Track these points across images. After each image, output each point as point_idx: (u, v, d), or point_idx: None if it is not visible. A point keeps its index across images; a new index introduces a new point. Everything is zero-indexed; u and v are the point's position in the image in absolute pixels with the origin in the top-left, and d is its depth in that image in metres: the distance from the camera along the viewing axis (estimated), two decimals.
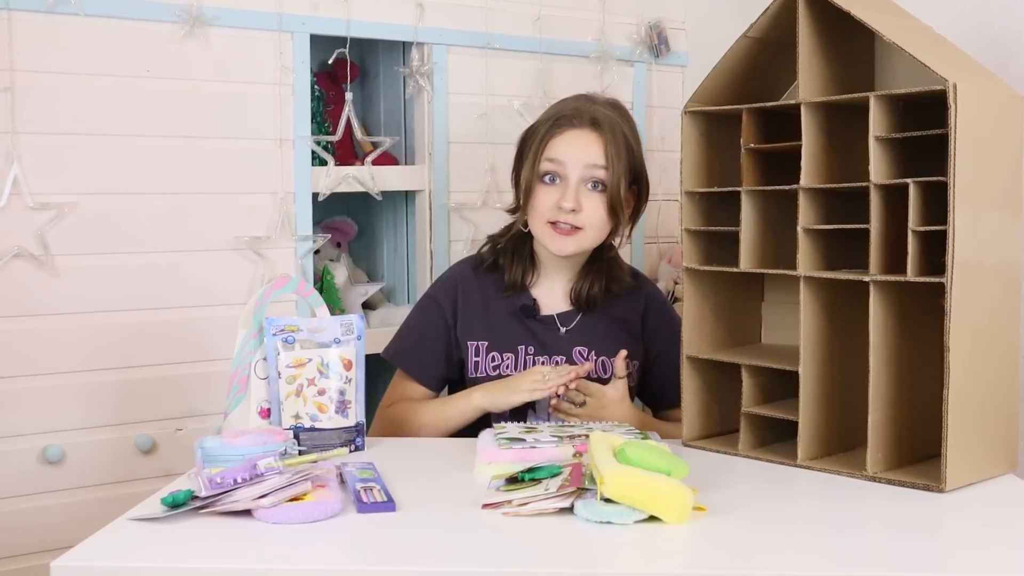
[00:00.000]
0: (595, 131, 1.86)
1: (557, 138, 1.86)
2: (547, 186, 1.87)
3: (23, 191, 1.83)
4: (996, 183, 1.51)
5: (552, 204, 1.85)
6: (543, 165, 1.87)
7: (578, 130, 1.87)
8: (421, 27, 2.24)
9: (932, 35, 1.64)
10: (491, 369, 1.91)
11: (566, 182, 1.85)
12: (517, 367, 1.90)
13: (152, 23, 1.94)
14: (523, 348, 1.91)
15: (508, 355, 1.91)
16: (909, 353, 1.55)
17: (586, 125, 1.86)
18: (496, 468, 1.53)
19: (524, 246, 1.95)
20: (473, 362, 1.91)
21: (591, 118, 1.87)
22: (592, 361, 1.89)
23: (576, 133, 1.86)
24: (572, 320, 1.94)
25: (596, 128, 1.86)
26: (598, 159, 1.85)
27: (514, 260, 1.94)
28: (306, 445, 1.64)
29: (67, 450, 1.89)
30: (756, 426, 1.67)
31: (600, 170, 1.86)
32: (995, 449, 1.54)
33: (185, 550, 1.27)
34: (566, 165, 1.85)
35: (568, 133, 1.87)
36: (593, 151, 1.85)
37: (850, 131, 1.59)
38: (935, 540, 1.35)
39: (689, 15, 2.61)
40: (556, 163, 1.86)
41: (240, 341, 1.69)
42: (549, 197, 1.86)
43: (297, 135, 2.10)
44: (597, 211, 1.86)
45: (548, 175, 1.87)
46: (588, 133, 1.86)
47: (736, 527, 1.34)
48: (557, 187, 1.86)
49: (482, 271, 1.97)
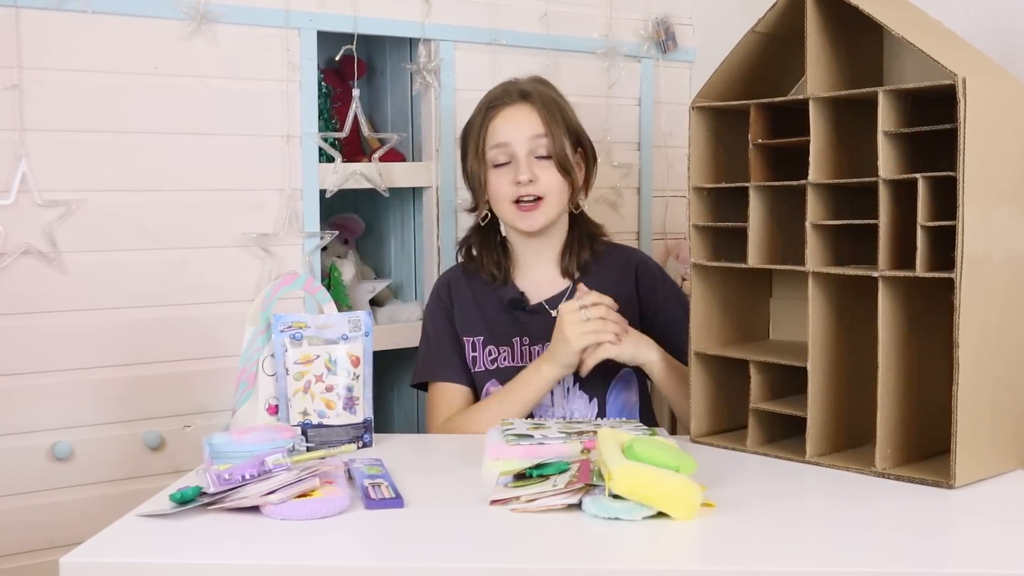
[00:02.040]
0: (527, 103, 1.93)
1: (494, 121, 1.92)
2: (498, 169, 1.92)
3: (31, 188, 1.83)
4: (1005, 178, 1.50)
5: (508, 184, 1.90)
6: (489, 153, 1.92)
7: (510, 107, 1.93)
8: (428, 23, 2.24)
9: (941, 29, 1.63)
10: (489, 363, 1.93)
11: (515, 159, 1.91)
12: (514, 359, 1.92)
13: (159, 20, 1.95)
14: (518, 340, 1.94)
15: (504, 348, 1.93)
16: (918, 349, 1.55)
17: (517, 100, 1.93)
18: (504, 464, 1.53)
19: (490, 239, 2.00)
20: (471, 357, 1.94)
21: (519, 92, 1.94)
22: None
23: (510, 111, 1.92)
24: (562, 299, 1.95)
25: (527, 100, 1.93)
26: (538, 129, 1.91)
27: (483, 255, 1.99)
28: (314, 441, 1.64)
29: (76, 447, 1.89)
30: (764, 422, 1.66)
31: (542, 139, 1.91)
32: (1004, 445, 1.53)
33: (193, 546, 1.28)
34: (510, 144, 1.91)
35: (502, 113, 1.92)
36: (532, 122, 1.91)
37: (859, 126, 1.59)
38: (944, 536, 1.35)
39: (696, 10, 2.60)
40: (500, 146, 1.91)
41: (248, 338, 1.69)
42: (503, 179, 1.91)
43: (304, 132, 2.10)
44: (553, 177, 1.91)
45: (496, 159, 1.92)
46: (521, 107, 1.93)
47: (744, 523, 1.34)
48: (508, 167, 1.91)
49: (469, 270, 2.01)
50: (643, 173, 2.55)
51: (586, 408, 1.90)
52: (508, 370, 1.90)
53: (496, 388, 1.90)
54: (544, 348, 1.89)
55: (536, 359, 1.86)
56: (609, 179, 2.49)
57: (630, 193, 2.54)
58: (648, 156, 2.56)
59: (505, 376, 1.89)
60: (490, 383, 1.92)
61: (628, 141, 2.53)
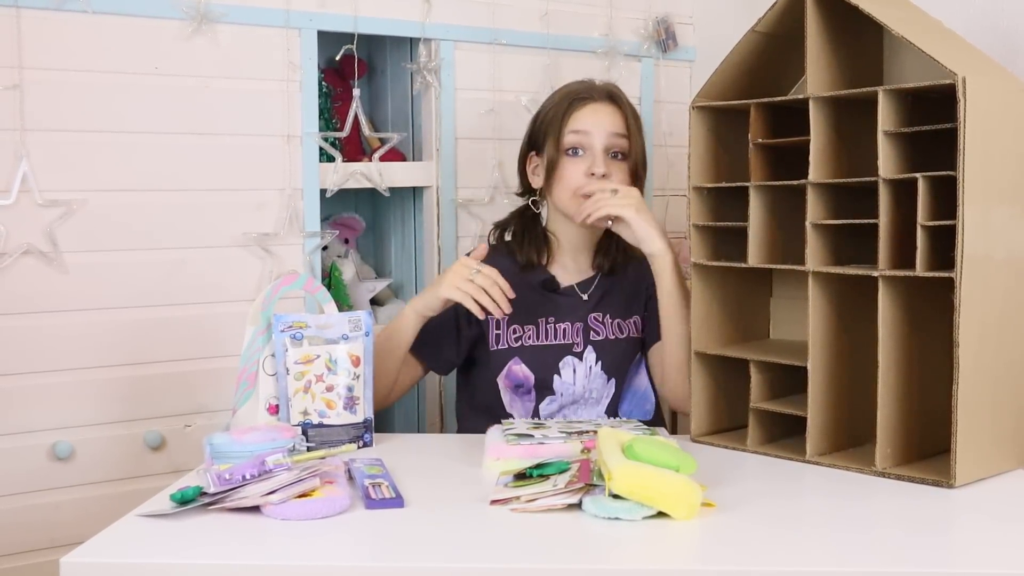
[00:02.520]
0: (613, 103, 1.95)
1: (579, 111, 1.93)
2: (572, 158, 1.92)
3: (32, 188, 1.83)
4: (1006, 177, 1.50)
5: (580, 173, 1.91)
6: (568, 138, 1.92)
7: (598, 103, 1.94)
8: (428, 23, 2.23)
9: (941, 29, 1.63)
10: (513, 341, 1.93)
11: (591, 151, 1.91)
12: (539, 338, 1.93)
13: (160, 20, 1.94)
14: (543, 320, 1.94)
15: (530, 327, 1.94)
16: (918, 348, 1.55)
17: (604, 98, 1.95)
18: (504, 464, 1.53)
19: (535, 227, 2.01)
20: (495, 335, 1.94)
21: (607, 92, 1.96)
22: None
23: (596, 106, 1.94)
24: (591, 285, 1.98)
25: (614, 101, 1.95)
26: (620, 128, 1.93)
27: (525, 240, 1.99)
28: (314, 441, 1.64)
29: (76, 446, 1.89)
30: (764, 422, 1.67)
31: (623, 139, 1.93)
32: (1005, 444, 1.53)
33: (194, 546, 1.28)
34: (591, 135, 1.91)
35: (589, 106, 1.94)
36: (616, 120, 1.93)
37: (859, 126, 1.59)
38: (944, 536, 1.35)
39: (696, 10, 2.60)
40: (581, 134, 1.92)
41: (248, 337, 1.69)
42: (576, 168, 1.91)
43: (305, 131, 2.10)
44: (623, 178, 1.92)
45: (572, 148, 1.92)
46: (607, 105, 1.94)
47: (745, 523, 1.34)
48: (582, 158, 1.92)
49: (495, 253, 1.99)
50: None
51: (604, 387, 1.93)
52: (532, 348, 1.92)
53: (519, 366, 1.92)
54: (569, 328, 1.94)
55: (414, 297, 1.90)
56: None
57: None
58: (648, 155, 2.55)
59: (528, 354, 1.92)
60: (512, 360, 1.92)
61: None
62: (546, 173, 1.94)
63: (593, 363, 1.93)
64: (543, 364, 1.92)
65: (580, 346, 1.93)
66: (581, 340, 1.94)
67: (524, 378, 1.92)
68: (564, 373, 1.92)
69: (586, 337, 1.94)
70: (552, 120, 1.94)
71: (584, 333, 1.94)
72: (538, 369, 1.92)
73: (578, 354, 1.93)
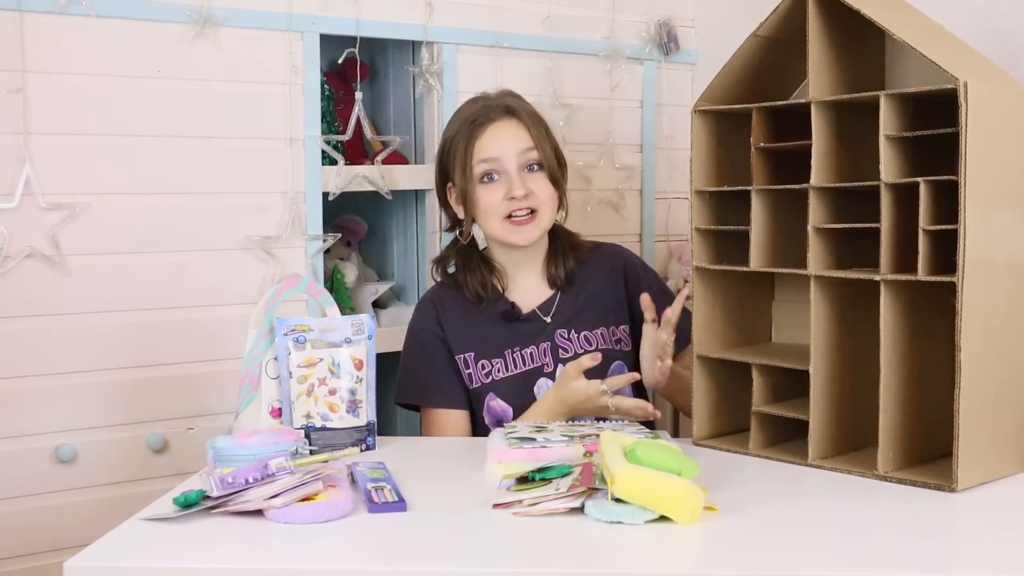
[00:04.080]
0: (513, 118, 1.92)
1: (481, 138, 1.90)
2: (487, 185, 1.90)
3: (35, 191, 1.84)
4: (1007, 181, 1.50)
5: (500, 199, 1.89)
6: (478, 168, 1.90)
7: (497, 123, 1.91)
8: (431, 26, 2.24)
9: (943, 33, 1.63)
10: (484, 377, 1.92)
11: (506, 174, 1.89)
12: (507, 369, 1.91)
13: (162, 24, 1.95)
14: (508, 351, 1.93)
15: (496, 360, 1.92)
16: (920, 352, 1.55)
17: (502, 116, 1.92)
18: (506, 468, 1.53)
19: (472, 258, 1.97)
20: (466, 374, 1.93)
21: (504, 108, 1.92)
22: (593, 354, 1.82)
23: (497, 127, 1.91)
24: (552, 305, 1.96)
25: (513, 115, 1.92)
26: (527, 142, 1.91)
27: (467, 274, 1.96)
28: (317, 445, 1.64)
29: (79, 449, 1.89)
30: (766, 425, 1.67)
31: (533, 151, 1.91)
32: (1007, 448, 1.53)
33: (197, 550, 1.28)
34: (501, 159, 1.89)
35: (490, 128, 1.90)
36: (520, 136, 1.91)
37: (860, 130, 1.59)
38: (946, 540, 1.35)
39: (699, 13, 2.60)
40: (491, 160, 1.89)
41: (251, 341, 1.69)
42: (495, 194, 1.89)
43: (307, 135, 2.10)
44: (545, 188, 1.91)
45: (486, 175, 1.90)
46: (507, 122, 1.91)
47: (747, 527, 1.34)
48: (498, 183, 1.90)
49: (448, 287, 1.99)
50: (645, 175, 2.55)
51: None
52: (504, 381, 1.91)
53: (496, 403, 1.90)
54: (536, 351, 1.91)
55: (548, 400, 1.81)
56: (611, 181, 2.49)
57: (632, 195, 2.54)
58: (650, 158, 2.56)
59: (502, 388, 1.90)
60: (489, 396, 1.91)
61: (630, 143, 2.53)
62: (464, 205, 1.92)
63: None
64: (517, 394, 1.90)
65: (551, 365, 1.92)
66: (550, 360, 1.92)
67: (502, 411, 1.91)
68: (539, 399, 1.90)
69: (555, 356, 1.93)
70: (457, 150, 1.91)
71: (552, 352, 1.93)
72: (513, 400, 1.90)
73: (550, 375, 1.91)
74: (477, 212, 1.92)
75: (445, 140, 1.96)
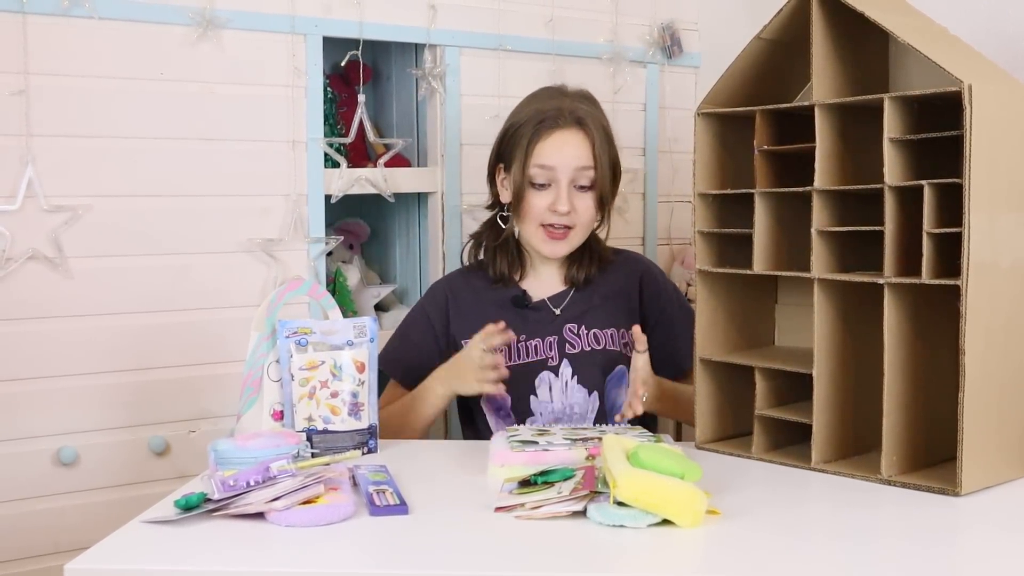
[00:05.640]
0: (581, 130, 1.90)
1: (544, 142, 1.88)
2: (537, 190, 1.90)
3: (37, 193, 1.83)
4: (1012, 184, 1.50)
5: (544, 208, 1.89)
6: (533, 171, 1.89)
7: (564, 131, 1.89)
8: (433, 29, 2.24)
9: (947, 35, 1.63)
10: None
11: (557, 185, 1.89)
12: (512, 357, 1.91)
13: (165, 26, 1.95)
14: (514, 340, 1.92)
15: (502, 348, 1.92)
16: (924, 355, 1.55)
17: (571, 125, 1.89)
18: (509, 471, 1.53)
19: (508, 242, 1.98)
20: None
21: (575, 117, 1.90)
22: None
23: (562, 135, 1.89)
24: (564, 299, 1.97)
25: (581, 127, 1.90)
26: (587, 160, 1.89)
27: (497, 256, 1.98)
28: (319, 447, 1.64)
29: (81, 452, 1.89)
30: (770, 429, 1.66)
31: (589, 171, 1.90)
32: (1011, 452, 1.53)
33: (198, 553, 1.28)
34: (556, 170, 1.89)
35: (555, 136, 1.89)
36: (581, 153, 1.89)
37: (864, 132, 1.58)
38: (950, 545, 1.34)
39: (702, 16, 2.60)
40: (547, 168, 1.89)
41: (253, 343, 1.69)
42: (541, 201, 1.89)
43: (310, 137, 2.10)
44: (588, 209, 1.91)
45: (538, 180, 1.90)
46: (574, 133, 1.89)
47: (750, 531, 1.33)
48: (547, 191, 1.89)
49: (469, 271, 2.01)
50: (648, 178, 2.55)
51: (586, 402, 1.91)
52: (507, 368, 1.90)
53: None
54: (541, 344, 1.92)
55: (435, 376, 1.87)
56: None
57: (635, 198, 2.54)
58: (653, 161, 2.56)
59: None
60: None
61: (633, 146, 2.53)
62: (512, 198, 1.92)
63: (569, 377, 1.91)
64: (518, 384, 1.90)
65: (555, 359, 1.92)
66: (556, 354, 1.93)
67: (502, 400, 1.91)
68: (540, 392, 1.91)
69: (561, 350, 1.93)
70: (519, 143, 1.90)
71: (559, 346, 1.93)
72: (514, 389, 1.89)
73: (554, 368, 1.92)
74: (520, 210, 1.92)
75: (511, 124, 1.95)
